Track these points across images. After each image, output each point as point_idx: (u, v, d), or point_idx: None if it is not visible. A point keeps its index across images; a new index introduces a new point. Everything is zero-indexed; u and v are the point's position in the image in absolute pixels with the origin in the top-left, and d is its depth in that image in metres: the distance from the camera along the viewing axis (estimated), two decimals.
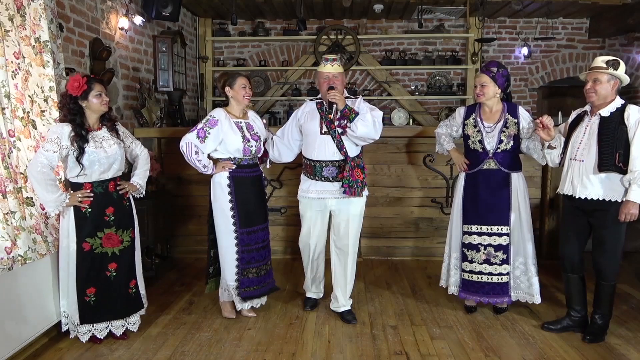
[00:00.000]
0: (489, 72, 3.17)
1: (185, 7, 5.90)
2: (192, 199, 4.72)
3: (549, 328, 3.13)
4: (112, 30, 4.24)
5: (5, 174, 2.65)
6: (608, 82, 2.83)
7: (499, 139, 3.19)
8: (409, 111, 6.48)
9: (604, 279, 2.95)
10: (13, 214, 2.66)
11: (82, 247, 2.82)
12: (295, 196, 3.41)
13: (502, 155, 3.21)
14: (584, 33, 6.66)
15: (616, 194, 2.81)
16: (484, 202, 3.25)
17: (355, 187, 3.08)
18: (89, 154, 2.74)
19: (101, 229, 2.86)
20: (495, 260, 3.27)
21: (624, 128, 2.77)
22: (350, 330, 3.15)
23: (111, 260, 2.91)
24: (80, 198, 2.77)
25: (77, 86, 2.70)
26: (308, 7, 6.05)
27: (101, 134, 2.84)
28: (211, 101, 6.69)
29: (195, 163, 3.08)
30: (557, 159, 3.06)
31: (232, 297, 3.27)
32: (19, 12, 2.76)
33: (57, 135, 2.68)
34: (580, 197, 2.90)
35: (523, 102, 6.74)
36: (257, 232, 3.25)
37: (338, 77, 3.15)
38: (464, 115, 3.34)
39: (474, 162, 3.28)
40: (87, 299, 2.85)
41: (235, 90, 3.13)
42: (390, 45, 6.78)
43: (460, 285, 3.36)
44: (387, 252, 4.74)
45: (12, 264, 2.60)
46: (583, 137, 2.91)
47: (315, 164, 3.19)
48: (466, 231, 3.31)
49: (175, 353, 2.85)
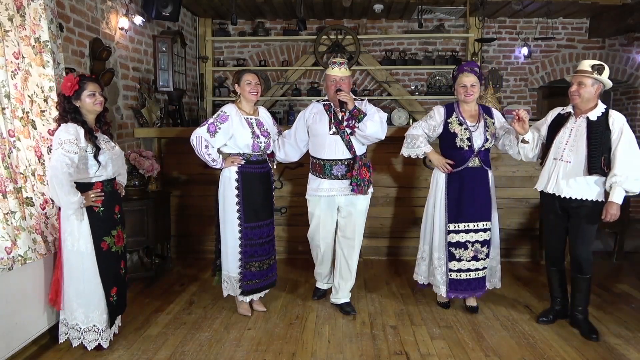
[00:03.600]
0: (475, 72, 3.23)
1: (185, 7, 5.89)
2: (192, 199, 4.72)
3: (543, 321, 3.25)
4: (112, 30, 4.24)
5: (5, 174, 2.65)
6: (592, 86, 2.94)
7: (485, 137, 3.24)
8: (409, 111, 6.48)
9: (583, 272, 3.06)
10: (13, 214, 2.66)
11: (101, 247, 2.79)
12: (295, 196, 3.45)
13: (484, 153, 3.30)
14: (584, 33, 6.65)
15: (596, 193, 2.95)
16: (470, 199, 3.28)
17: (363, 185, 3.23)
18: (105, 154, 2.76)
19: (114, 227, 2.88)
20: (481, 255, 3.33)
21: (609, 133, 2.90)
22: (350, 330, 3.15)
23: (122, 258, 2.95)
24: (93, 197, 2.74)
25: (69, 86, 2.68)
26: (308, 7, 6.05)
27: (100, 135, 2.84)
28: (211, 101, 6.69)
29: (205, 157, 3.14)
30: (530, 154, 3.21)
31: (236, 291, 3.30)
32: (19, 12, 2.76)
33: (75, 136, 2.63)
34: (564, 197, 3.00)
35: (523, 102, 6.74)
36: (262, 227, 3.30)
37: (345, 80, 3.27)
38: (445, 114, 3.33)
39: (459, 161, 3.28)
40: (111, 299, 2.85)
41: (242, 86, 3.20)
42: (390, 45, 6.78)
43: (448, 286, 3.35)
44: (387, 252, 4.74)
45: (12, 264, 2.60)
46: (569, 138, 2.99)
47: (325, 163, 3.29)
48: (452, 230, 3.32)
49: (175, 353, 2.85)
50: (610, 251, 4.80)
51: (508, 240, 4.65)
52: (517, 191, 4.59)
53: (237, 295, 3.33)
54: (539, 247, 4.60)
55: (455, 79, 3.30)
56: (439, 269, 3.39)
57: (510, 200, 4.60)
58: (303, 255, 4.49)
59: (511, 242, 4.67)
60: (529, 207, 4.59)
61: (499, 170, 4.50)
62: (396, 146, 4.62)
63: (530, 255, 4.68)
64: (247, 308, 3.39)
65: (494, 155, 4.33)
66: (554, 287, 3.27)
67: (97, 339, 2.79)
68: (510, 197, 4.59)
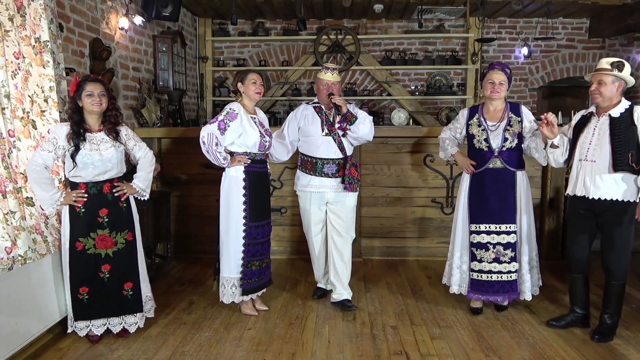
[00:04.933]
0: (506, 72, 3.21)
1: (185, 7, 5.90)
2: (192, 199, 4.72)
3: (553, 325, 3.16)
4: (112, 30, 4.24)
5: (5, 174, 2.65)
6: (613, 84, 2.84)
7: (503, 137, 3.21)
8: (409, 111, 6.48)
9: (614, 278, 2.95)
10: (13, 214, 2.66)
11: (75, 246, 2.84)
12: (295, 196, 3.47)
13: (508, 154, 3.23)
14: (584, 33, 6.66)
15: (629, 193, 2.82)
16: (491, 200, 3.26)
17: (354, 183, 3.38)
18: (83, 156, 2.75)
19: (94, 230, 2.86)
20: (505, 258, 3.28)
21: (634, 128, 2.80)
22: (350, 330, 3.15)
23: (105, 262, 2.91)
24: (75, 197, 2.79)
25: (72, 86, 2.77)
26: (308, 7, 6.05)
27: (100, 136, 2.83)
28: (211, 101, 6.69)
29: (216, 155, 3.11)
30: (560, 159, 3.08)
31: (235, 296, 3.28)
32: (19, 12, 2.76)
33: (55, 135, 2.74)
34: (593, 198, 2.89)
35: (523, 102, 6.73)
36: (264, 226, 3.34)
37: (336, 84, 3.38)
38: (467, 116, 3.36)
39: (480, 162, 3.28)
40: (80, 297, 2.88)
41: (246, 85, 3.20)
42: (390, 45, 6.78)
43: (469, 286, 3.36)
44: (387, 252, 4.73)
45: (12, 264, 2.60)
46: (592, 137, 2.91)
47: (317, 161, 3.39)
48: (474, 230, 3.32)
49: (175, 353, 2.85)
50: None
51: None
52: None
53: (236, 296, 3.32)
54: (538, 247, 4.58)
55: (483, 76, 3.29)
56: (460, 268, 3.40)
57: None
58: (303, 255, 4.48)
59: None
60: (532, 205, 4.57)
61: None
62: (396, 146, 4.61)
63: None
64: (251, 307, 3.40)
65: None
66: (576, 294, 3.11)
67: (88, 325, 2.92)
68: None
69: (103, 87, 2.81)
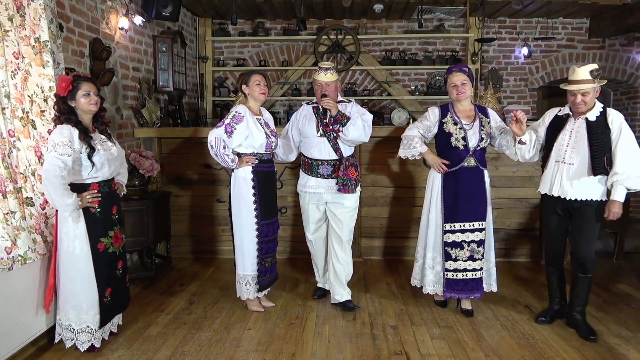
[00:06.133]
0: (464, 71, 3.26)
1: (185, 7, 5.89)
2: (192, 199, 4.72)
3: (542, 320, 3.25)
4: (112, 30, 4.24)
5: (5, 174, 2.65)
6: (594, 91, 2.96)
7: (480, 136, 3.24)
8: (409, 111, 6.47)
9: (586, 272, 3.05)
10: (13, 214, 2.66)
11: (98, 247, 2.79)
12: (295, 196, 3.48)
13: (480, 153, 3.30)
14: (584, 33, 6.65)
15: (600, 193, 2.97)
16: (466, 199, 3.28)
17: (349, 184, 3.33)
18: (100, 156, 2.73)
19: (111, 228, 2.87)
20: (478, 255, 3.32)
21: (609, 132, 2.91)
22: (350, 330, 3.15)
23: (119, 259, 2.95)
24: (89, 199, 2.73)
25: (63, 86, 2.65)
26: (308, 7, 6.05)
27: (97, 136, 2.82)
28: (211, 101, 6.69)
29: (224, 157, 3.15)
30: (527, 155, 3.21)
31: (250, 292, 3.33)
32: (19, 12, 2.76)
33: (68, 138, 2.61)
34: (570, 199, 3.00)
35: (523, 102, 6.74)
36: (274, 224, 3.42)
37: (331, 84, 3.34)
38: (440, 114, 3.34)
39: (454, 161, 3.28)
40: (105, 300, 2.85)
41: (251, 87, 3.23)
42: (390, 45, 6.78)
43: (445, 285, 3.36)
44: (387, 252, 4.74)
45: (12, 264, 2.60)
46: (570, 140, 3.00)
47: (313, 162, 3.42)
48: (448, 230, 3.32)
49: (175, 353, 2.85)
50: (610, 251, 4.80)
51: (508, 240, 4.65)
52: (517, 191, 4.58)
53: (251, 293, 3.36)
54: (538, 247, 4.60)
55: (446, 81, 3.34)
56: (433, 268, 3.40)
57: (510, 200, 4.60)
58: (303, 255, 4.49)
59: (511, 242, 4.67)
60: (529, 207, 4.59)
61: (499, 170, 4.51)
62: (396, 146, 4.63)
63: (530, 255, 4.67)
64: (257, 304, 3.45)
65: (494, 155, 4.34)
66: (553, 287, 3.28)
67: (90, 339, 2.79)
68: (510, 197, 4.59)
69: (95, 86, 2.77)
